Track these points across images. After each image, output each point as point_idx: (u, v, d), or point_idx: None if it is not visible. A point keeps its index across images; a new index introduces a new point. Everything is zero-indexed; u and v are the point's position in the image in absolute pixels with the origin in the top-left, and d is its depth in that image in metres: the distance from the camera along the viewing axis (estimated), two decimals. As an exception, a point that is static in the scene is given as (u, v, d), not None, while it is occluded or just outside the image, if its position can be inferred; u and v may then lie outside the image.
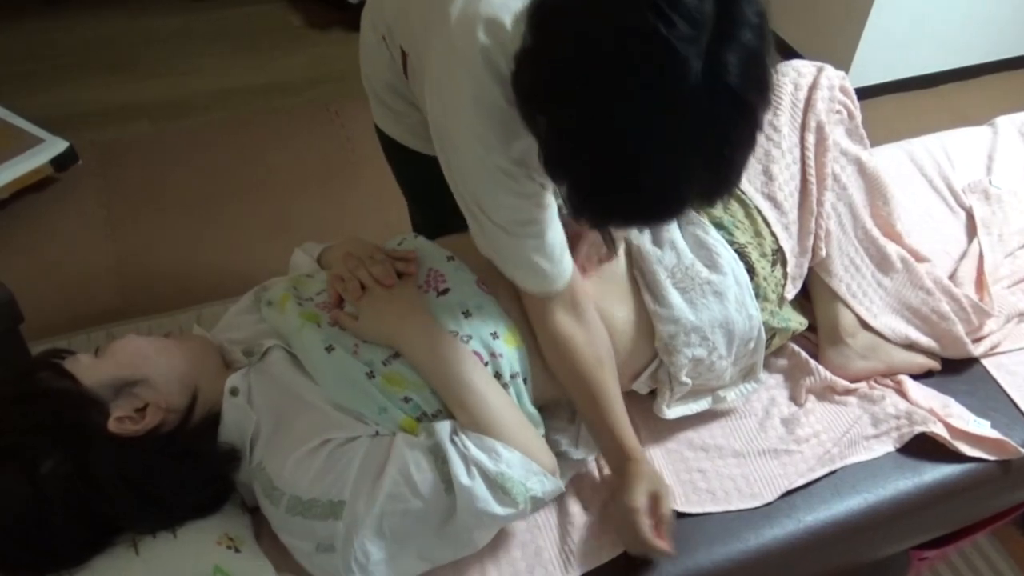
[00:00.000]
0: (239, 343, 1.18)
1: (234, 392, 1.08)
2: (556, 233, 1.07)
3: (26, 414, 0.99)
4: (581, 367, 1.14)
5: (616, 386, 1.17)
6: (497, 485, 1.02)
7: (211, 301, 2.16)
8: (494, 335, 1.13)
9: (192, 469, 1.04)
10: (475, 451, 1.02)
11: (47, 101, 2.91)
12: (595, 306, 1.19)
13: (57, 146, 2.54)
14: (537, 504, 1.08)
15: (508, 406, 1.10)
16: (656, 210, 0.84)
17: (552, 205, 1.05)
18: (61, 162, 2.55)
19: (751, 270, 1.27)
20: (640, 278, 1.25)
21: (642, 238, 1.26)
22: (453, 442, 1.03)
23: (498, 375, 1.12)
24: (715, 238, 1.27)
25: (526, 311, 1.16)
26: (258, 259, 2.39)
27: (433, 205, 1.46)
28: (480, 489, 1.01)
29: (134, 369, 1.05)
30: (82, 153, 2.62)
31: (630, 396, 1.28)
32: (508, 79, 0.86)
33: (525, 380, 1.16)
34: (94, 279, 2.34)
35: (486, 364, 1.11)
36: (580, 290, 1.15)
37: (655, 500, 1.10)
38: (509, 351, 1.13)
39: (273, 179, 2.70)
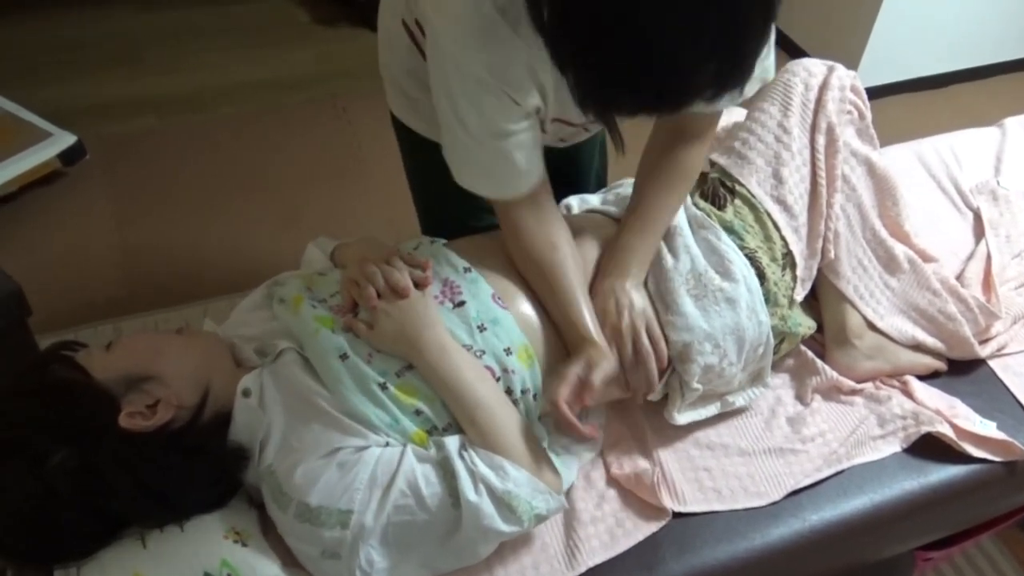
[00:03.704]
0: (251, 340, 1.18)
1: (246, 393, 1.08)
2: (530, 146, 1.09)
3: (36, 407, 1.00)
4: (531, 247, 1.16)
5: (572, 270, 1.17)
6: (503, 503, 1.02)
7: (218, 296, 2.17)
8: (507, 351, 1.13)
9: (201, 467, 1.05)
10: (483, 468, 1.03)
11: (55, 95, 2.92)
12: None
13: (65, 140, 2.55)
14: (541, 521, 1.08)
15: (517, 424, 1.10)
16: (662, 90, 0.82)
17: (528, 130, 1.07)
18: (69, 156, 2.56)
19: (762, 275, 1.27)
20: (652, 287, 1.24)
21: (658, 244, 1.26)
22: (462, 457, 1.04)
23: (509, 391, 1.12)
24: (727, 244, 1.27)
25: (495, 212, 1.18)
26: (265, 254, 2.39)
27: (442, 198, 1.46)
28: (487, 506, 1.01)
29: (146, 365, 1.05)
30: (90, 147, 2.62)
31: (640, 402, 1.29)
32: None
33: (535, 396, 1.16)
34: (101, 273, 2.35)
35: (498, 380, 1.11)
36: (544, 191, 1.17)
37: (588, 369, 1.08)
38: (522, 367, 1.13)
39: (280, 174, 2.71)
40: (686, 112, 0.86)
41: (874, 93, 1.43)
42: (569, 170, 1.54)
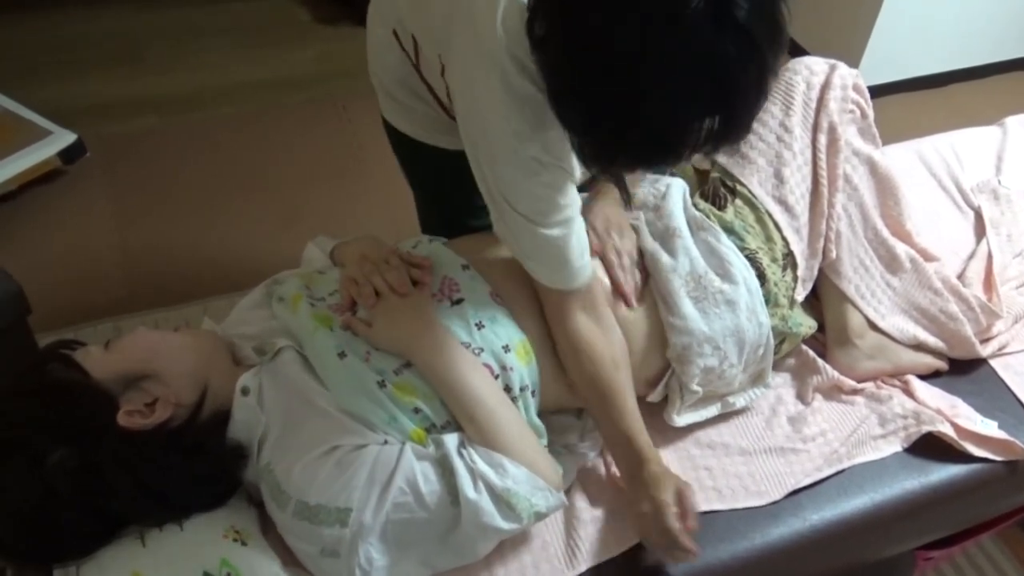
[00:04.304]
0: (250, 339, 1.18)
1: (245, 391, 1.08)
2: (580, 228, 1.07)
3: (35, 407, 1.00)
4: (597, 369, 1.13)
5: (631, 389, 1.17)
6: (503, 500, 1.02)
7: (218, 295, 2.17)
8: (506, 348, 1.12)
9: (200, 465, 1.04)
10: (482, 465, 1.03)
11: (55, 94, 2.91)
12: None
13: (65, 138, 2.55)
14: (540, 518, 1.08)
15: (516, 421, 1.10)
16: (659, 148, 0.83)
17: (578, 201, 1.06)
18: (69, 154, 2.55)
19: (762, 276, 1.27)
20: (654, 288, 1.24)
21: (655, 246, 1.26)
22: (460, 455, 1.03)
23: (507, 388, 1.12)
24: (727, 245, 1.27)
25: (545, 312, 1.16)
26: (265, 253, 2.39)
27: (440, 199, 1.47)
28: (486, 503, 1.01)
29: (144, 363, 1.05)
30: (90, 146, 2.62)
31: (641, 402, 1.28)
32: (530, 68, 0.88)
33: (533, 393, 1.16)
34: (101, 272, 2.34)
35: (496, 377, 1.11)
36: (598, 291, 1.16)
37: (681, 497, 1.08)
38: (520, 365, 1.13)
39: (280, 174, 2.70)
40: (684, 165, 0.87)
41: (874, 92, 1.43)
42: None
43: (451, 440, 1.05)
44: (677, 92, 0.77)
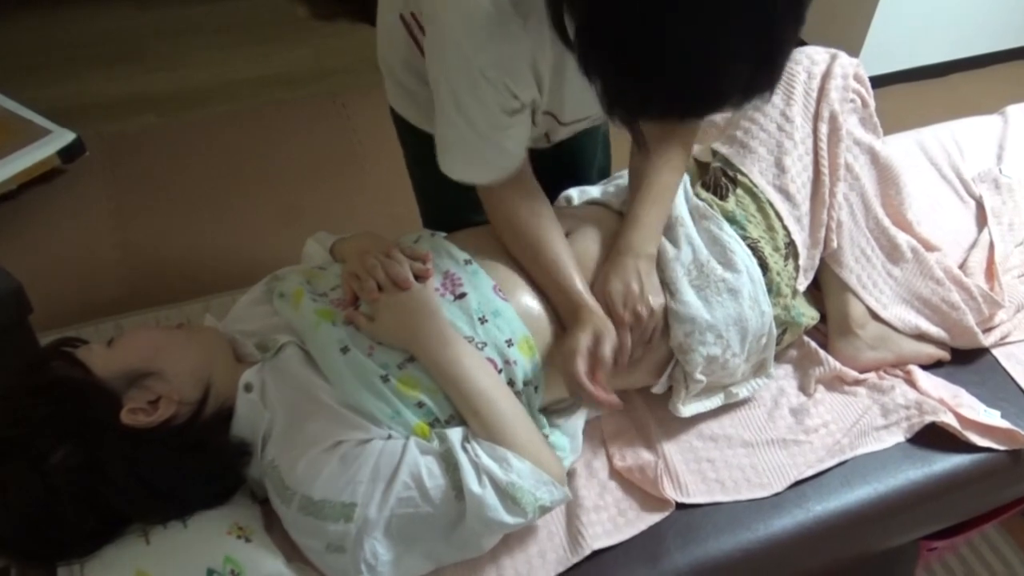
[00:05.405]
0: (251, 335, 1.18)
1: (248, 388, 1.08)
2: (517, 141, 1.10)
3: (38, 404, 0.99)
4: (517, 219, 1.17)
5: (560, 238, 1.19)
6: (507, 494, 1.02)
7: (219, 292, 2.18)
8: (509, 342, 1.12)
9: (203, 462, 1.05)
10: (486, 460, 1.02)
11: (54, 93, 2.92)
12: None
13: (64, 137, 2.55)
14: (545, 512, 1.08)
15: (520, 415, 1.10)
16: (693, 96, 0.80)
17: (523, 122, 1.08)
18: (68, 153, 2.56)
19: (764, 265, 1.27)
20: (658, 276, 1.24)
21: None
22: (465, 449, 1.03)
23: (511, 382, 1.12)
24: (729, 234, 1.26)
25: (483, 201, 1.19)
26: (266, 250, 2.39)
27: (441, 192, 1.47)
28: (490, 498, 1.01)
29: (147, 361, 1.05)
30: (89, 145, 2.62)
31: (643, 394, 1.29)
32: None
33: (537, 388, 1.16)
34: (102, 270, 2.35)
35: (500, 371, 1.11)
36: (525, 167, 1.16)
37: (596, 342, 1.08)
38: (523, 359, 1.13)
39: (280, 171, 2.71)
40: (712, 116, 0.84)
41: (874, 82, 1.42)
42: (571, 165, 1.54)
43: (455, 434, 1.05)
44: (712, 31, 0.73)
